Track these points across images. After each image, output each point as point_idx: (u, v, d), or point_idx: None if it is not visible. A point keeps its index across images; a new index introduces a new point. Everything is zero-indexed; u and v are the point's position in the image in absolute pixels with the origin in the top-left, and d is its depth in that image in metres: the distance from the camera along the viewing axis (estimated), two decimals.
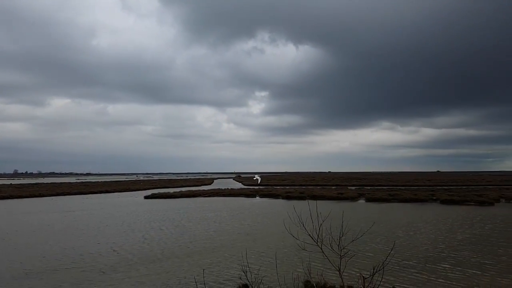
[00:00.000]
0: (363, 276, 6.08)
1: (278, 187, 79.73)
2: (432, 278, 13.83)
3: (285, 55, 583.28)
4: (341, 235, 7.01)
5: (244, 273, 9.27)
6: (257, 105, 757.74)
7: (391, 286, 13.22)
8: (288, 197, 52.11)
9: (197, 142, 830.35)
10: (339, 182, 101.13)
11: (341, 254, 6.70)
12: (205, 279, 13.79)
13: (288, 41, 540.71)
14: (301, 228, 7.26)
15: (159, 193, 62.04)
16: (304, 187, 79.72)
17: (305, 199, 50.21)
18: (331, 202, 46.23)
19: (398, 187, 76.52)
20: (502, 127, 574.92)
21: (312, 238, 7.18)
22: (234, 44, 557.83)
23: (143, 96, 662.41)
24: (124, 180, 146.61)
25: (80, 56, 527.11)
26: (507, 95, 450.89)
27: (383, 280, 13.44)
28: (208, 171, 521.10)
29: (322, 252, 7.05)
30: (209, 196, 58.34)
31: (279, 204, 42.73)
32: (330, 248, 6.94)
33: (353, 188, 72.08)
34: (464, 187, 76.53)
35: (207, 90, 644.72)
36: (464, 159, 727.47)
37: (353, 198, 50.62)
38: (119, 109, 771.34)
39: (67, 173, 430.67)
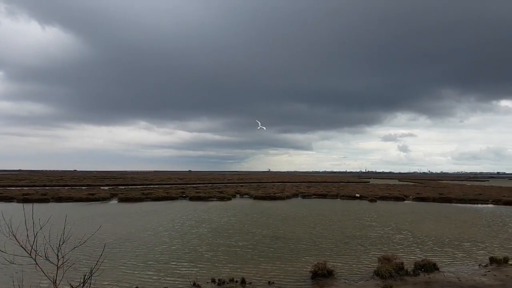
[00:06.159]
0: (71, 286, 5.63)
1: (13, 188, 65.87)
2: (164, 277, 14.38)
3: (28, 34, 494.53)
4: (61, 243, 6.27)
5: None
6: None
7: (135, 287, 13.13)
8: (26, 199, 43.72)
9: None
10: (91, 182, 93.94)
11: (58, 264, 6.00)
12: None
13: (31, 18, 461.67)
14: (11, 239, 6.15)
15: None
16: (48, 187, 69.40)
17: (48, 202, 44.05)
18: (80, 204, 42.31)
19: (152, 186, 79.33)
20: (240, 134, 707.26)
21: (25, 249, 6.17)
22: None
23: None
24: None
25: None
26: (245, 108, 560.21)
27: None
28: None
29: (36, 263, 6.15)
30: None
31: (11, 209, 35.06)
32: (45, 258, 6.11)
33: (106, 188, 68.89)
34: (210, 185, 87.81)
35: None
36: (211, 160, 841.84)
37: (105, 199, 48.24)
38: None
39: None
